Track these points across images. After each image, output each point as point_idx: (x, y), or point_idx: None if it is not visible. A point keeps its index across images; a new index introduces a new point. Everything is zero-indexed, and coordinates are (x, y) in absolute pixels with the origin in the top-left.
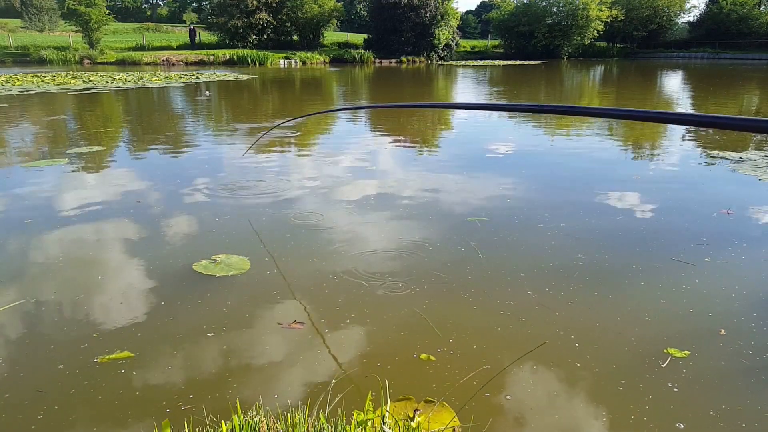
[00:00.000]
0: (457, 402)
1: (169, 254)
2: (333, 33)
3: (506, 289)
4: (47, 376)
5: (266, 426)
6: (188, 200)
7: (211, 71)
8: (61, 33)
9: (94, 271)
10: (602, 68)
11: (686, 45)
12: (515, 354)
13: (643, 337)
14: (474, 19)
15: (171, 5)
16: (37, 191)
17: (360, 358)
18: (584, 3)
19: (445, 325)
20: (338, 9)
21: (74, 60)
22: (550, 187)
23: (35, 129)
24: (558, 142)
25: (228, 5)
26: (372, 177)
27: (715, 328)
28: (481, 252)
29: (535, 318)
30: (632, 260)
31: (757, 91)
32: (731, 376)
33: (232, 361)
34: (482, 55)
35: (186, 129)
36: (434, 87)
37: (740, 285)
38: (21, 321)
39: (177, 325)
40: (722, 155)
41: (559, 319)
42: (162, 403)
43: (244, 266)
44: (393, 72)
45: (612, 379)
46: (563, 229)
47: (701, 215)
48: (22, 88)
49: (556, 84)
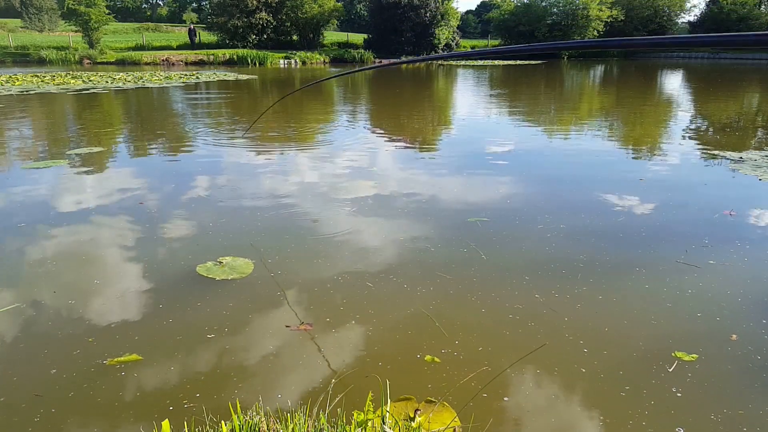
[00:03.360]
0: (460, 402)
1: (172, 256)
2: (333, 33)
3: (513, 291)
4: (51, 376)
5: (266, 426)
6: (189, 201)
7: (211, 71)
8: (61, 33)
9: (97, 272)
10: (602, 68)
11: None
12: (520, 356)
13: (650, 341)
14: (474, 19)
15: (171, 5)
16: (38, 192)
17: (362, 358)
18: (584, 3)
19: (452, 326)
20: (338, 9)
21: (74, 60)
22: (550, 188)
23: (35, 129)
24: (558, 143)
25: (228, 5)
26: (372, 177)
27: (723, 333)
28: (483, 253)
29: (544, 321)
30: (635, 262)
31: (757, 91)
32: (736, 380)
33: (233, 361)
34: None
35: (186, 129)
36: (434, 88)
37: (746, 288)
38: (21, 322)
39: (179, 326)
40: (722, 155)
41: (568, 323)
42: (162, 403)
43: (248, 268)
44: (393, 72)
45: (617, 382)
46: (564, 230)
47: (702, 216)
48: (22, 88)
49: (556, 85)
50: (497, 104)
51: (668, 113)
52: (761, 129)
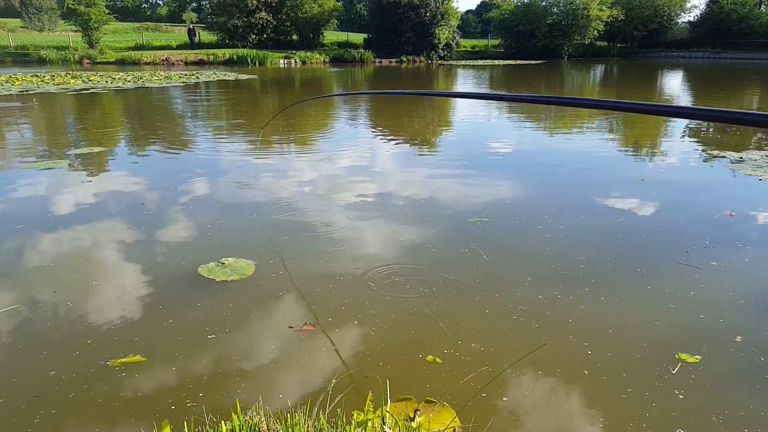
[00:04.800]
0: (460, 402)
1: (174, 257)
2: (333, 32)
3: (516, 292)
4: (57, 377)
5: (266, 426)
6: (191, 202)
7: (211, 71)
8: (61, 33)
9: (98, 272)
10: (602, 68)
11: (686, 45)
12: (523, 357)
13: (654, 342)
14: (474, 19)
15: (171, 5)
16: (38, 193)
17: (363, 358)
18: (585, 2)
19: (455, 327)
20: (338, 8)
21: (74, 60)
22: (550, 188)
23: (35, 129)
24: (558, 143)
25: (228, 5)
26: (372, 178)
27: (726, 334)
28: (485, 253)
29: (548, 322)
30: (636, 263)
31: (757, 91)
32: (739, 382)
33: (234, 361)
34: (482, 55)
35: (187, 129)
36: (434, 88)
37: (747, 290)
38: (21, 323)
39: (180, 327)
40: (722, 155)
41: (572, 324)
42: (163, 403)
43: (250, 269)
44: (393, 72)
45: (619, 384)
46: (564, 230)
47: (703, 217)
48: (22, 88)
49: (556, 85)
50: (497, 104)
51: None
52: (761, 129)
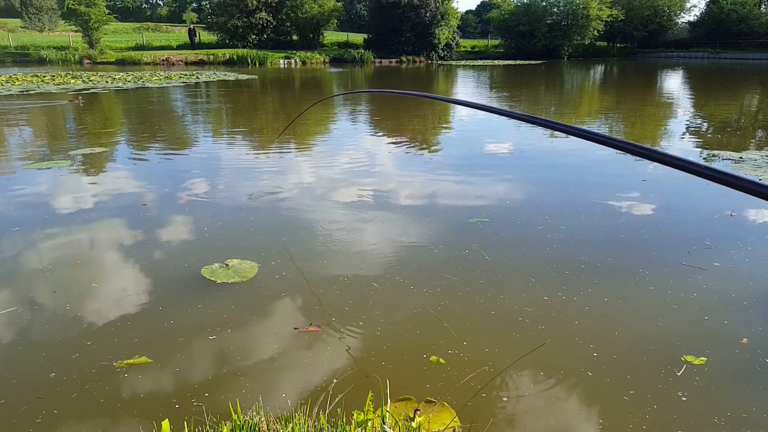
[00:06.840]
0: (458, 402)
1: (177, 259)
2: (333, 33)
3: (521, 293)
4: (63, 378)
5: (266, 426)
6: (192, 203)
7: (211, 71)
8: (61, 33)
9: (98, 273)
10: (602, 68)
11: (686, 45)
12: (526, 358)
13: (659, 344)
14: (474, 19)
15: (171, 5)
16: (40, 193)
17: (365, 358)
18: (584, 3)
19: (460, 327)
20: (338, 9)
21: (74, 60)
22: (550, 188)
23: (35, 130)
24: (558, 143)
25: (228, 5)
26: (373, 178)
27: (732, 336)
28: (486, 254)
29: (553, 324)
30: (638, 263)
31: (758, 91)
32: (743, 384)
33: (235, 362)
34: (482, 55)
35: (188, 129)
36: (434, 88)
37: (750, 291)
38: (21, 323)
39: (183, 328)
40: (722, 155)
41: (578, 326)
42: (163, 403)
43: (253, 271)
44: (393, 72)
45: (623, 386)
46: (564, 231)
47: (704, 217)
48: (22, 88)
49: (556, 86)
50: (498, 104)
51: (668, 113)
52: (761, 129)
